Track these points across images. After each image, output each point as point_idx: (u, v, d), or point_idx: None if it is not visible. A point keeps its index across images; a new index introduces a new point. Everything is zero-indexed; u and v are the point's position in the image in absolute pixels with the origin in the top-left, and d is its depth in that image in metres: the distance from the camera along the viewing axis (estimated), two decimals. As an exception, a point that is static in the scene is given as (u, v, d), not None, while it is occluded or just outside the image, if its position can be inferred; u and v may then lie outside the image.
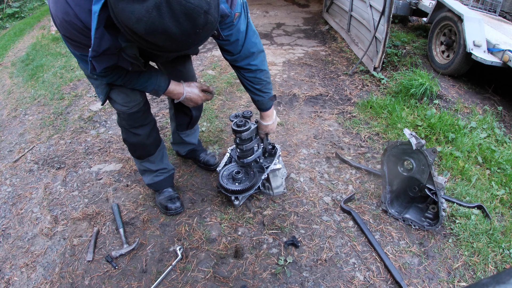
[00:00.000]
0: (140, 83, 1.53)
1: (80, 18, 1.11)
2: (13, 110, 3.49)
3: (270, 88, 1.72)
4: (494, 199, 2.11)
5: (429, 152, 1.72)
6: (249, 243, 1.84)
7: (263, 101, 1.74)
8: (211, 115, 2.99)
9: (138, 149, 1.86)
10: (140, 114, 1.71)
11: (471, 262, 1.72)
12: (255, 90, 1.68)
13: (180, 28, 0.92)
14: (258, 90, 1.68)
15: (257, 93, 1.69)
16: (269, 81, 1.70)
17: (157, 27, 0.90)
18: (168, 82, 1.62)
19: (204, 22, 0.95)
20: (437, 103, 3.08)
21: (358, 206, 2.06)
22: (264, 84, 1.68)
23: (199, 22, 0.94)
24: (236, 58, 1.55)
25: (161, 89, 1.61)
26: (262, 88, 1.68)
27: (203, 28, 0.97)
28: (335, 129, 2.81)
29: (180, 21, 0.91)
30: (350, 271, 1.69)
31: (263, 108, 1.79)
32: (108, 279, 1.69)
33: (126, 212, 2.06)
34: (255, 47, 1.54)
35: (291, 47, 4.64)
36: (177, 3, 0.88)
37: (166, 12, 0.88)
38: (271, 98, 1.75)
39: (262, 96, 1.71)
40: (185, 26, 0.92)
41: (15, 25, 7.33)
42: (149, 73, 1.54)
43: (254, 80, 1.64)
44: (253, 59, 1.56)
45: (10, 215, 2.14)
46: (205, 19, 0.94)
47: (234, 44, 1.48)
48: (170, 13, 0.88)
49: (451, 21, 3.48)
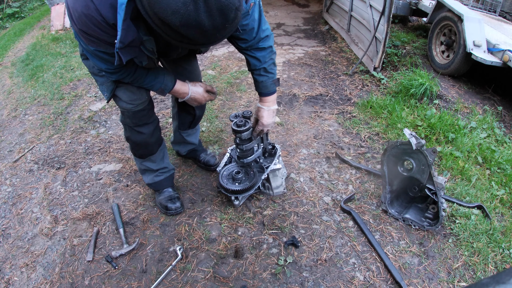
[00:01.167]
0: (147, 81, 1.55)
1: (101, 12, 1.12)
2: (13, 110, 3.49)
3: (275, 70, 1.73)
4: (494, 199, 2.11)
5: (429, 152, 1.72)
6: (249, 243, 1.84)
7: (266, 83, 1.72)
8: (211, 115, 2.99)
9: (141, 148, 1.86)
10: (145, 113, 1.72)
11: (471, 262, 1.72)
12: (261, 69, 1.68)
13: (213, 23, 0.97)
14: (264, 70, 1.68)
15: (262, 73, 1.69)
16: (274, 62, 1.71)
17: (192, 20, 0.94)
18: (175, 81, 1.64)
19: (234, 18, 1.00)
20: (437, 103, 3.08)
21: (358, 206, 2.06)
22: (270, 63, 1.69)
23: (230, 17, 0.99)
24: (251, 44, 1.58)
25: (167, 88, 1.62)
26: (268, 68, 1.68)
27: (232, 23, 1.02)
28: (335, 129, 2.81)
29: (214, 16, 0.95)
30: (350, 271, 1.69)
31: (265, 92, 1.76)
32: (108, 279, 1.69)
33: (126, 212, 2.06)
34: (267, 31, 1.59)
35: (291, 47, 4.64)
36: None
37: (202, 6, 0.92)
38: (274, 81, 1.74)
39: (267, 76, 1.70)
40: (217, 21, 0.97)
41: (15, 25, 7.33)
42: (156, 72, 1.56)
43: (262, 58, 1.65)
44: (265, 40, 1.60)
45: (10, 215, 2.14)
46: (235, 14, 0.99)
47: (250, 32, 1.52)
48: (206, 8, 0.93)
49: (451, 21, 3.48)
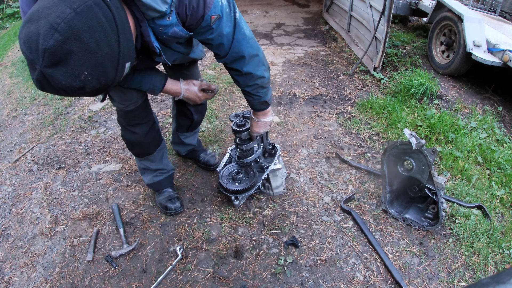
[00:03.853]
0: (135, 82, 1.55)
1: None
2: (13, 110, 3.49)
3: (262, 92, 1.61)
4: (494, 199, 2.11)
5: (429, 152, 1.72)
6: (249, 243, 1.84)
7: (252, 102, 1.67)
8: (211, 115, 2.99)
9: (135, 147, 1.86)
10: (137, 113, 1.71)
11: (471, 262, 1.72)
12: (245, 90, 1.61)
13: (64, 94, 0.99)
14: (247, 93, 1.61)
15: (246, 93, 1.63)
16: (263, 85, 1.58)
17: (44, 91, 0.98)
18: (164, 81, 1.62)
19: (83, 93, 0.99)
20: (437, 103, 3.08)
21: (358, 206, 2.06)
22: (255, 87, 1.57)
23: (77, 94, 0.98)
24: (225, 61, 1.48)
25: (157, 88, 1.61)
26: (252, 91, 1.59)
27: (87, 93, 1.00)
28: (335, 129, 2.81)
29: (60, 92, 0.96)
30: (350, 271, 1.69)
31: (252, 108, 1.73)
32: (108, 279, 1.69)
33: (126, 212, 2.06)
34: (246, 51, 1.42)
35: (291, 47, 4.64)
36: (52, 81, 0.92)
37: (46, 85, 0.94)
38: (261, 103, 1.66)
39: (252, 97, 1.63)
40: (67, 95, 0.99)
41: (15, 25, 7.33)
42: (143, 73, 1.55)
43: (244, 82, 1.56)
44: (243, 63, 1.46)
45: (10, 215, 2.14)
46: (82, 91, 0.97)
47: (220, 48, 1.40)
48: (50, 86, 0.94)
49: (451, 21, 3.48)
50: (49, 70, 0.90)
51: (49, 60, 0.88)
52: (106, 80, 1.00)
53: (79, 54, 0.90)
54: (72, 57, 0.90)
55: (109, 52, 0.96)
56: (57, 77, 0.91)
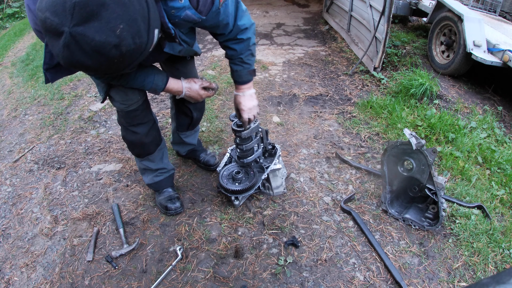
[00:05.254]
0: (137, 82, 1.55)
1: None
2: (13, 110, 3.49)
3: (252, 60, 1.68)
4: (494, 199, 2.11)
5: (429, 152, 1.72)
6: (249, 243, 1.84)
7: (241, 72, 1.68)
8: (211, 115, 2.99)
9: (137, 147, 1.87)
10: (138, 113, 1.72)
11: (471, 262, 1.72)
12: (237, 59, 1.65)
13: (95, 62, 0.95)
14: (240, 60, 1.65)
15: (237, 62, 1.66)
16: (253, 53, 1.67)
17: (72, 61, 0.93)
18: (166, 80, 1.64)
19: (118, 54, 0.95)
20: (437, 103, 3.08)
21: (358, 206, 2.06)
22: (247, 54, 1.64)
23: (111, 55, 0.94)
24: (228, 38, 1.56)
25: (159, 88, 1.63)
26: (244, 59, 1.64)
27: (120, 57, 0.97)
28: (335, 129, 2.81)
29: (92, 56, 0.93)
30: (350, 271, 1.69)
31: (239, 81, 1.72)
32: (108, 279, 1.69)
33: (126, 212, 2.06)
34: (247, 24, 1.54)
35: (291, 47, 4.64)
36: (84, 42, 0.89)
37: (76, 50, 0.90)
38: (250, 72, 1.70)
39: (242, 66, 1.67)
40: (99, 60, 0.94)
41: (15, 25, 7.33)
42: (145, 72, 1.56)
43: (239, 49, 1.61)
44: (243, 32, 1.56)
45: (10, 215, 2.14)
46: (118, 51, 0.94)
47: (225, 27, 1.50)
48: (80, 51, 0.90)
49: (451, 21, 3.48)
50: (80, 28, 0.86)
51: (80, 15, 0.85)
52: (140, 41, 0.97)
53: (112, 6, 0.87)
54: (105, 9, 0.86)
55: (140, 10, 0.94)
56: (90, 34, 0.87)
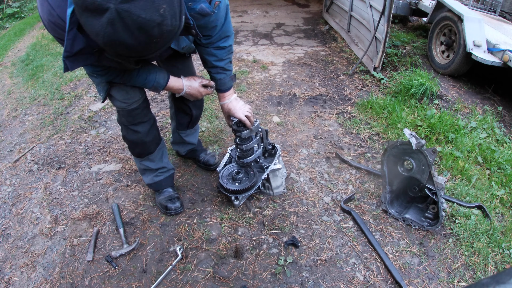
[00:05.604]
0: (139, 81, 1.57)
1: (63, 18, 1.16)
2: (13, 110, 3.49)
3: (231, 67, 1.77)
4: (494, 199, 2.11)
5: (429, 152, 1.72)
6: (249, 243, 1.84)
7: (225, 80, 1.76)
8: (211, 115, 2.99)
9: (138, 147, 1.87)
10: (139, 111, 1.73)
11: (471, 262, 1.72)
12: (218, 68, 1.72)
13: (136, 40, 0.98)
14: (221, 68, 1.73)
15: (220, 71, 1.74)
16: (231, 60, 1.76)
17: (113, 40, 0.96)
18: (167, 78, 1.65)
19: (159, 33, 0.99)
20: (437, 103, 3.08)
21: (358, 206, 2.06)
22: (227, 61, 1.73)
23: (153, 33, 0.98)
24: (212, 41, 1.62)
25: (160, 86, 1.64)
26: (225, 66, 1.73)
27: (160, 37, 1.01)
28: (335, 129, 2.81)
29: (135, 34, 0.96)
30: (350, 271, 1.69)
31: (223, 89, 1.79)
32: (108, 279, 1.69)
33: (126, 212, 2.06)
34: (230, 31, 1.63)
35: (291, 47, 4.64)
36: (130, 18, 0.92)
37: (120, 27, 0.93)
38: (232, 78, 1.78)
39: (225, 73, 1.75)
40: (140, 38, 0.98)
41: (15, 25, 7.33)
42: (147, 71, 1.57)
43: (220, 56, 1.68)
44: (226, 40, 1.64)
45: (10, 215, 2.14)
46: (159, 30, 0.98)
47: (213, 29, 1.56)
48: (124, 28, 0.94)
49: (451, 21, 3.48)
50: (126, 5, 0.90)
51: None
52: (176, 23, 1.02)
53: None
54: None
55: None
56: (136, 11, 0.91)
